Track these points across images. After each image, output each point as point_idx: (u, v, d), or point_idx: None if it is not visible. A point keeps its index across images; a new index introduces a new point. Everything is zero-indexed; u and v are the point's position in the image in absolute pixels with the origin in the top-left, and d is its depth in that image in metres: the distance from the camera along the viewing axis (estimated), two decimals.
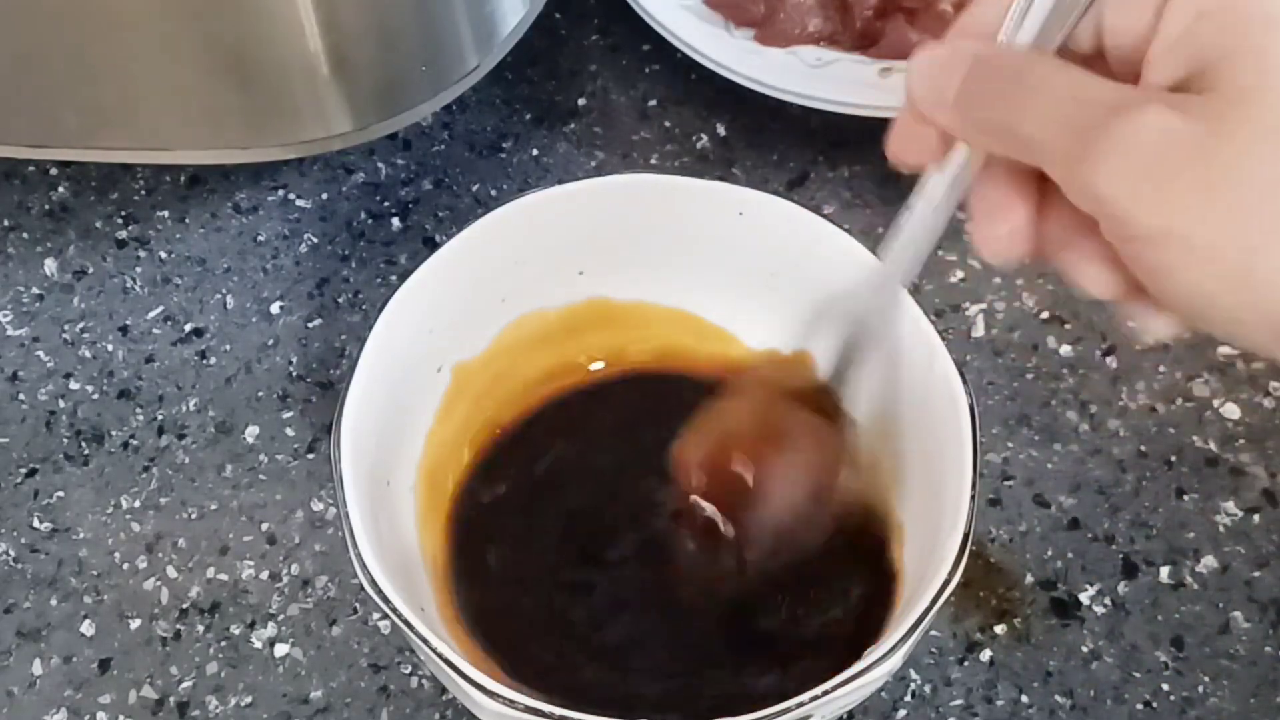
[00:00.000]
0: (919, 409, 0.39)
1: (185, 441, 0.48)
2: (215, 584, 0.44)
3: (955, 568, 0.33)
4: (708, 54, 0.53)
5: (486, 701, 0.32)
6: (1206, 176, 0.25)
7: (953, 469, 0.35)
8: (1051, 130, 0.27)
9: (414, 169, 0.55)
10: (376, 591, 0.33)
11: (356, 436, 0.36)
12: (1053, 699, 0.42)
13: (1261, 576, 0.44)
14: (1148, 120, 0.25)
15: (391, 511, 0.39)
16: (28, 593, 0.44)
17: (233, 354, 0.50)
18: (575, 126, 0.56)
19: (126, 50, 0.44)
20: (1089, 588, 0.44)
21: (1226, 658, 0.42)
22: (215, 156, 0.49)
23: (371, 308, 0.51)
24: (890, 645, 0.32)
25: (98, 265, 0.52)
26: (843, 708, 0.34)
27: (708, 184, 0.42)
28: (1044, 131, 0.27)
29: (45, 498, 0.46)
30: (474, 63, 0.49)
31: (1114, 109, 0.26)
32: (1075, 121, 0.26)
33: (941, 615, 0.40)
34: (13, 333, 0.51)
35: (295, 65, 0.44)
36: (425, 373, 0.42)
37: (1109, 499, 0.46)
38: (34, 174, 0.55)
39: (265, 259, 0.52)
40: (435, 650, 0.32)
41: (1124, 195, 0.26)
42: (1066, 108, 0.27)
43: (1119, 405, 0.48)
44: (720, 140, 0.55)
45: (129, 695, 0.42)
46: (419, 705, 0.42)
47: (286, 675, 0.42)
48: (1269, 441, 0.47)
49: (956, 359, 0.37)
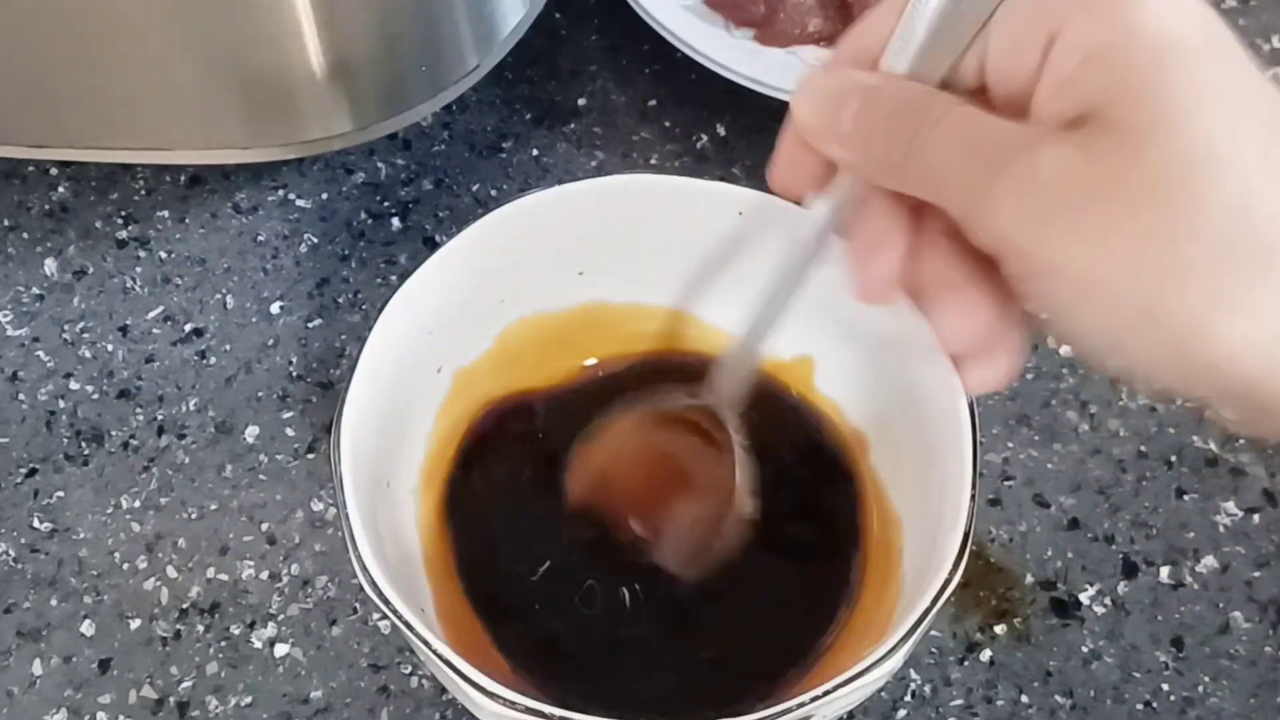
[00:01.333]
0: (919, 409, 0.39)
1: (185, 441, 0.48)
2: (215, 584, 0.44)
3: (955, 568, 0.33)
4: (708, 54, 0.53)
5: (486, 702, 0.32)
6: (1105, 217, 0.25)
7: (953, 468, 0.35)
8: (951, 168, 0.27)
9: (414, 169, 0.55)
10: (377, 593, 0.33)
11: (356, 438, 0.36)
12: (1053, 699, 0.42)
13: (1261, 576, 0.44)
14: (1047, 159, 0.25)
15: (391, 512, 0.39)
16: (28, 593, 0.44)
17: (233, 354, 0.50)
18: (575, 126, 0.56)
19: (127, 50, 0.44)
20: (1089, 588, 0.44)
21: (1226, 658, 0.42)
22: (215, 156, 0.49)
23: (371, 308, 0.51)
24: (890, 645, 0.32)
25: (98, 265, 0.52)
26: (843, 708, 0.34)
27: (707, 184, 0.42)
28: (944, 169, 0.27)
29: (45, 498, 0.46)
30: (474, 63, 0.49)
31: (1014, 147, 0.26)
32: (976, 160, 0.26)
33: (941, 615, 0.40)
34: (13, 333, 0.51)
35: (295, 65, 0.44)
36: (425, 373, 0.42)
37: (1109, 499, 0.46)
38: (34, 174, 0.55)
39: (265, 259, 0.52)
40: (436, 651, 0.32)
41: (1024, 235, 0.26)
42: (967, 145, 0.27)
43: (1119, 405, 0.48)
44: (720, 140, 0.55)
45: (129, 695, 0.42)
46: (419, 705, 0.42)
47: (286, 675, 0.42)
48: (1269, 442, 0.47)
49: None
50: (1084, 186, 0.25)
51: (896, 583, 0.39)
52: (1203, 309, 0.25)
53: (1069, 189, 0.25)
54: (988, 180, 0.26)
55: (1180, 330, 0.25)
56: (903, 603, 0.37)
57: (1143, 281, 0.25)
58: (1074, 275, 0.25)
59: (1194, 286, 0.25)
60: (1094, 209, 0.25)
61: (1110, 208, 0.25)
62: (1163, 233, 0.25)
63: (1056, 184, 0.25)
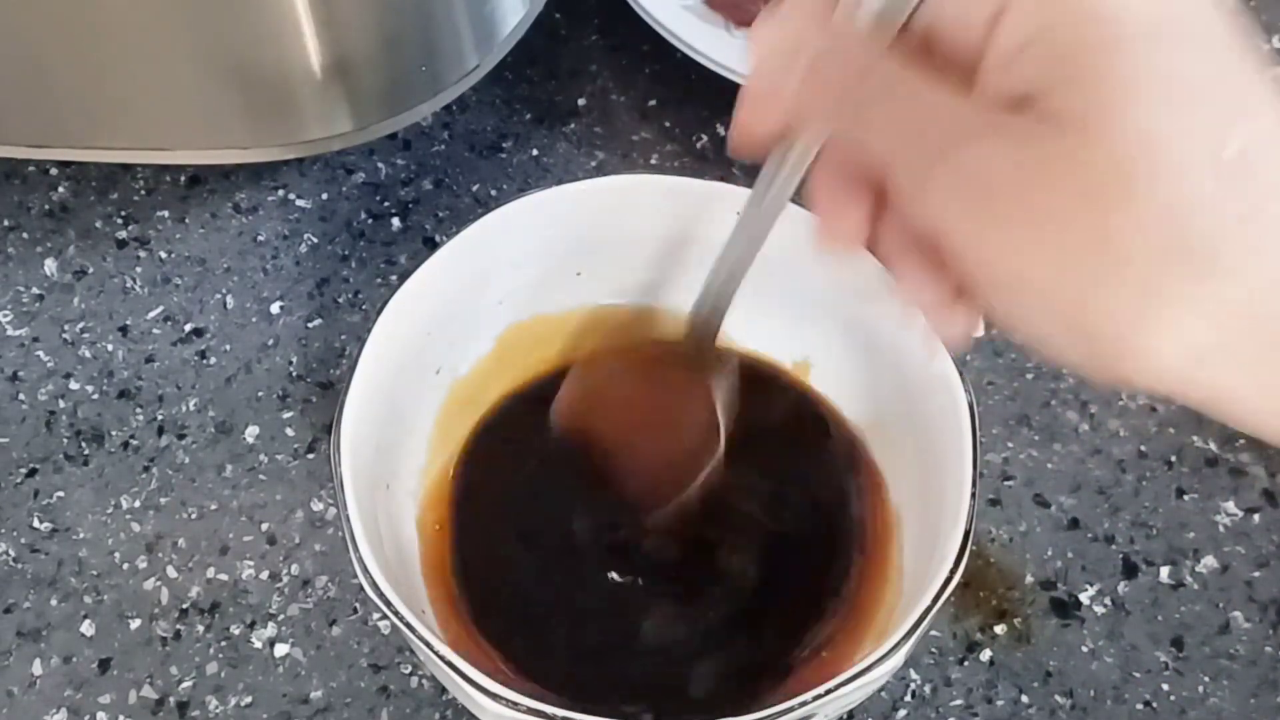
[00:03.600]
0: (919, 408, 0.39)
1: (185, 441, 0.48)
2: (215, 584, 0.44)
3: (956, 567, 0.33)
4: (708, 54, 0.53)
5: (487, 702, 0.32)
6: (1036, 218, 0.23)
7: (953, 469, 0.36)
8: (892, 148, 0.26)
9: (414, 169, 0.55)
10: (377, 594, 0.33)
11: (356, 438, 0.36)
12: (1053, 699, 0.42)
13: (1261, 576, 0.44)
14: (984, 152, 0.24)
15: (391, 513, 0.39)
16: (28, 593, 0.44)
17: (233, 354, 0.50)
18: (575, 126, 0.56)
19: (127, 50, 0.44)
20: (1089, 588, 0.44)
21: (1226, 658, 0.42)
22: (215, 156, 0.49)
23: (371, 308, 0.51)
24: (890, 645, 0.32)
25: (98, 265, 0.52)
26: (843, 708, 0.34)
27: (707, 184, 0.41)
28: (885, 149, 0.26)
29: (45, 498, 0.46)
30: (474, 63, 0.49)
31: (953, 135, 0.25)
32: (916, 143, 0.25)
33: (941, 615, 0.40)
34: (13, 333, 0.51)
35: (295, 65, 0.44)
36: (424, 374, 0.42)
37: (1109, 499, 0.46)
38: (34, 174, 0.55)
39: (265, 259, 0.52)
40: (437, 652, 0.32)
41: (957, 228, 0.25)
42: (908, 128, 0.25)
43: (1119, 405, 0.48)
44: (720, 140, 0.55)
45: (129, 695, 0.42)
46: (419, 705, 0.42)
47: (286, 675, 0.42)
48: (1269, 441, 0.47)
49: (956, 359, 0.37)
50: (1018, 182, 0.24)
51: (896, 583, 0.39)
52: (1127, 318, 0.23)
53: (1003, 184, 0.24)
54: (925, 167, 0.25)
55: (1105, 338, 0.24)
56: (903, 603, 0.37)
57: (1071, 284, 0.23)
58: (1004, 272, 0.24)
59: (1120, 294, 0.23)
60: (1026, 206, 0.23)
61: (1043, 206, 0.23)
62: (1093, 236, 0.23)
63: (992, 178, 0.24)
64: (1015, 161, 0.24)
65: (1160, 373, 0.24)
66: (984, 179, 0.24)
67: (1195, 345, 0.23)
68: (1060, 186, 0.23)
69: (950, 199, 0.24)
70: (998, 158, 0.24)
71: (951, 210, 0.25)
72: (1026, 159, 0.24)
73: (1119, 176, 0.23)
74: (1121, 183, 0.23)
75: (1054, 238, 0.23)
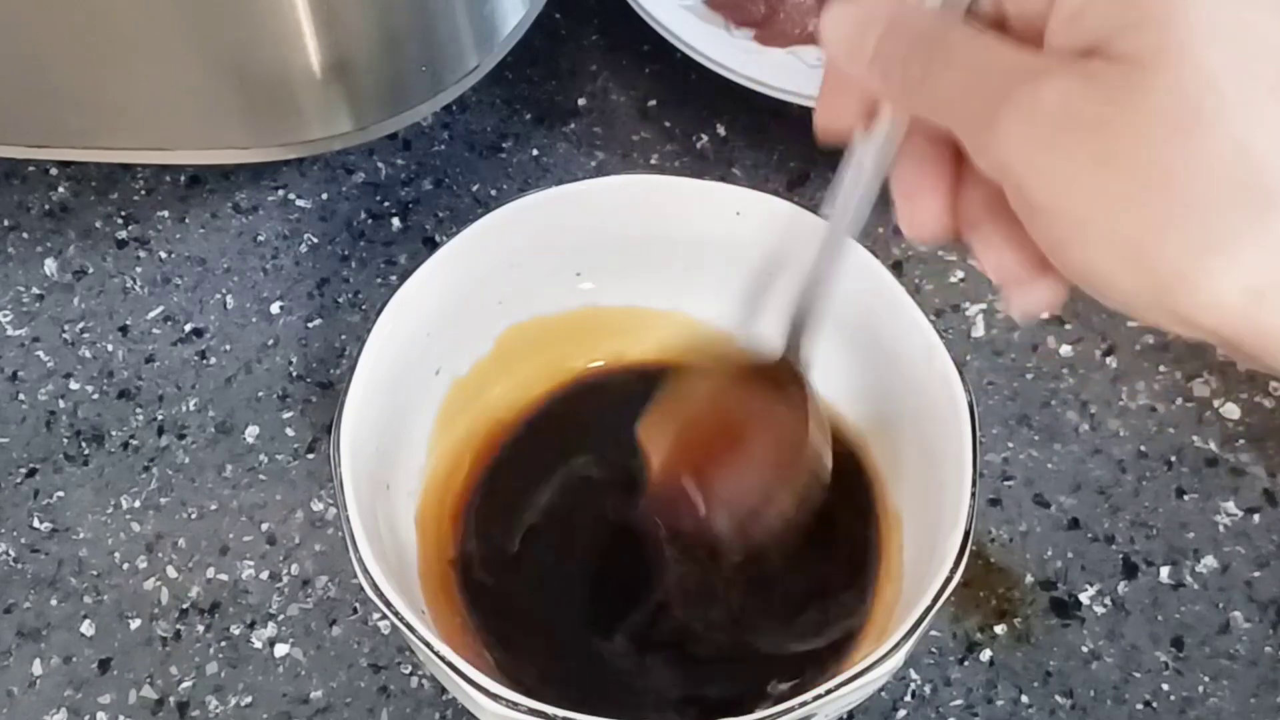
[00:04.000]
0: (919, 408, 0.39)
1: (185, 441, 0.48)
2: (215, 584, 0.44)
3: (956, 567, 0.33)
4: (708, 54, 0.53)
5: (487, 703, 0.32)
6: (1102, 152, 0.24)
7: (953, 468, 0.36)
8: (961, 95, 0.26)
9: (414, 169, 0.55)
10: (377, 594, 0.33)
11: (356, 438, 0.36)
12: (1053, 699, 0.42)
13: (1261, 576, 0.44)
14: (1051, 89, 0.25)
15: (391, 514, 0.39)
16: (28, 593, 0.44)
17: (233, 354, 0.50)
18: (575, 126, 0.56)
19: (127, 50, 0.44)
20: (1089, 588, 0.44)
21: (1226, 658, 0.42)
22: (215, 156, 0.49)
23: (371, 308, 0.51)
24: (890, 645, 0.32)
25: (98, 265, 0.52)
26: (843, 708, 0.34)
27: (706, 184, 0.42)
28: (955, 97, 0.27)
29: (45, 498, 0.46)
30: (474, 63, 0.48)
31: (1020, 76, 0.25)
32: (983, 87, 0.26)
33: (941, 615, 0.40)
34: (13, 333, 0.51)
35: (295, 65, 0.44)
36: (424, 375, 0.42)
37: (1109, 499, 0.46)
38: (34, 174, 0.55)
39: (265, 259, 0.52)
40: (438, 653, 0.32)
41: (1023, 166, 0.25)
42: (976, 74, 0.26)
43: (1119, 405, 0.48)
44: (720, 140, 0.55)
45: (129, 695, 0.42)
46: (419, 705, 0.42)
47: (286, 675, 0.42)
48: (1269, 441, 0.47)
49: (956, 359, 0.37)
50: (1085, 117, 0.24)
51: (896, 583, 0.39)
52: (1190, 254, 0.24)
53: (1070, 119, 0.24)
54: (993, 107, 0.25)
55: (1167, 274, 0.24)
56: (903, 603, 0.37)
57: (1135, 219, 0.24)
58: (1070, 208, 0.25)
59: (1183, 229, 0.24)
60: (1093, 141, 0.24)
61: (1109, 141, 0.24)
62: (1159, 170, 0.24)
63: (1058, 114, 0.24)
64: (1082, 96, 0.24)
65: (1221, 310, 0.24)
66: (1050, 114, 0.24)
67: (1256, 282, 0.23)
68: (1126, 121, 0.24)
69: (1016, 135, 0.25)
70: (1064, 92, 0.24)
71: (1017, 146, 0.25)
72: (1093, 94, 0.24)
73: (1185, 112, 0.23)
74: (1188, 118, 0.23)
75: (1118, 172, 0.24)
